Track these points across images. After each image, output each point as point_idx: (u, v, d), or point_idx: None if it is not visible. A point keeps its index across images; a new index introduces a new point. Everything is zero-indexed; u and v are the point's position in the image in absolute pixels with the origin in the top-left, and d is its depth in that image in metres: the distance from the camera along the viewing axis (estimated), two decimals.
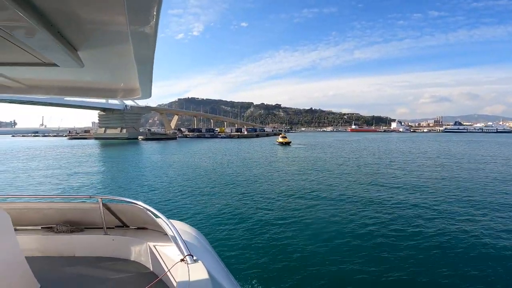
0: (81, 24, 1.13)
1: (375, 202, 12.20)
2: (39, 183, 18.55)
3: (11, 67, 1.69)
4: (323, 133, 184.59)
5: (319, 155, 35.84)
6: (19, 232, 2.55)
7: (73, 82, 2.17)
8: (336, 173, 20.70)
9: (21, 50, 1.31)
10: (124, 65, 1.63)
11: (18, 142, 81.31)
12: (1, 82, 2.06)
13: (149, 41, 1.20)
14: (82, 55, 1.45)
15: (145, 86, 2.02)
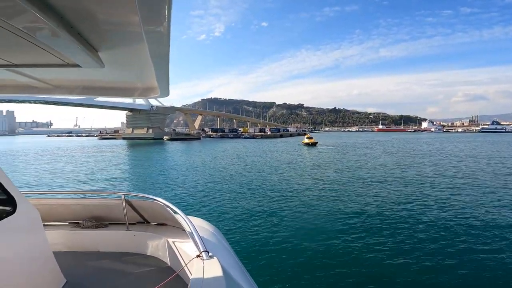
0: (99, 25, 1.18)
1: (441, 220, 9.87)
2: (69, 179, 19.84)
3: (38, 69, 1.78)
4: (348, 133, 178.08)
5: (351, 157, 33.21)
6: (47, 228, 2.60)
7: (95, 82, 2.27)
8: (375, 179, 18.32)
9: (46, 52, 1.39)
10: (142, 64, 1.67)
11: (52, 142, 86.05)
12: (29, 83, 2.19)
13: (163, 40, 1.22)
14: (102, 56, 1.51)
15: (162, 84, 2.06)
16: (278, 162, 29.07)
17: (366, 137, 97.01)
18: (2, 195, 1.92)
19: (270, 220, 9.98)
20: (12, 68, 1.75)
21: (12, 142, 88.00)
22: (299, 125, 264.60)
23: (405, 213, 10.62)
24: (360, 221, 9.69)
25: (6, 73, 1.93)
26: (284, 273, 6.28)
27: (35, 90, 2.39)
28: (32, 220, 2.12)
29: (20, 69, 1.78)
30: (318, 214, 10.63)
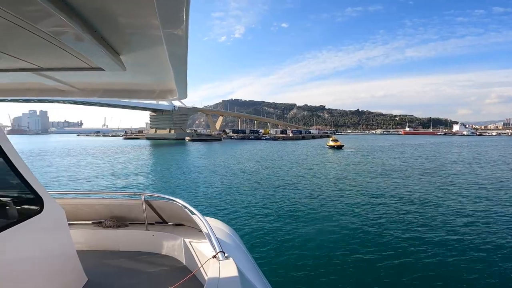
0: (121, 29, 1.23)
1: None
2: (94, 177, 20.51)
3: (64, 72, 1.85)
4: (372, 135, 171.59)
5: (384, 161, 30.55)
6: (71, 227, 2.67)
7: (117, 85, 2.34)
8: (416, 188, 16.01)
9: (71, 56, 1.45)
10: (161, 66, 1.72)
11: (80, 141, 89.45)
12: (56, 86, 2.30)
13: (181, 42, 1.25)
14: (124, 59, 1.56)
15: (181, 86, 2.11)
16: (302, 165, 27.35)
17: (394, 140, 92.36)
18: (30, 194, 1.96)
19: (289, 224, 9.69)
20: (40, 72, 1.79)
21: (46, 141, 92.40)
22: (321, 127, 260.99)
23: (463, 236, 8.57)
24: (396, 237, 8.54)
25: (34, 77, 1.99)
26: (299, 277, 6.24)
27: (61, 93, 2.48)
28: (58, 219, 2.17)
29: (47, 72, 1.83)
30: (342, 223, 9.90)
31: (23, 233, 1.82)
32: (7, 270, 1.69)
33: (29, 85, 2.37)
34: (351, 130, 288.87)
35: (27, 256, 1.85)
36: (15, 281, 1.73)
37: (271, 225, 9.58)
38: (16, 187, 1.98)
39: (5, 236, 1.68)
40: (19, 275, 1.77)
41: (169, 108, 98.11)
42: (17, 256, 1.78)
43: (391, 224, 9.74)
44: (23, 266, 1.81)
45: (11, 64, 1.64)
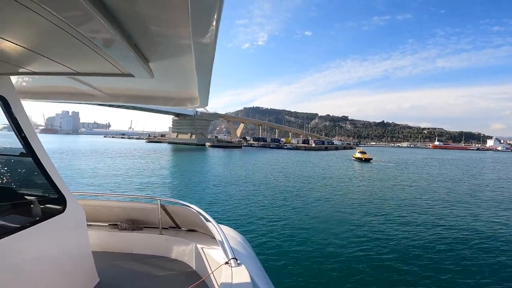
0: (152, 36, 1.25)
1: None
2: (114, 177, 21.16)
3: (97, 77, 1.92)
4: (398, 148, 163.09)
5: (421, 177, 27.21)
6: (89, 227, 2.71)
7: (143, 91, 2.43)
8: (473, 212, 13.11)
9: (105, 61, 1.49)
10: (186, 75, 1.74)
11: (105, 143, 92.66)
12: (87, 91, 2.38)
13: (209, 53, 1.27)
14: (153, 66, 1.59)
15: (203, 95, 2.15)
16: (328, 179, 24.97)
17: (425, 154, 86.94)
18: (54, 194, 2.02)
19: (309, 240, 9.29)
20: (74, 76, 1.84)
21: (75, 141, 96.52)
22: (343, 138, 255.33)
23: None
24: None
25: (68, 81, 2.06)
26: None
27: (90, 97, 2.54)
28: (78, 219, 2.23)
29: (81, 77, 1.88)
30: (373, 244, 9.08)
31: (45, 232, 1.88)
32: (27, 266, 1.75)
33: (62, 89, 2.41)
34: (375, 142, 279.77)
35: (46, 253, 1.91)
36: (33, 277, 1.78)
37: (290, 242, 9.09)
38: (42, 186, 2.04)
39: (28, 233, 1.73)
40: (37, 271, 1.82)
41: (191, 113, 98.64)
42: (38, 253, 1.84)
43: (438, 253, 8.45)
44: (42, 263, 1.87)
45: (48, 68, 1.68)
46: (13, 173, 2.26)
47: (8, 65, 1.64)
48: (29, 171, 2.07)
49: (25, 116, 1.91)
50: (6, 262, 1.61)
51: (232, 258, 1.93)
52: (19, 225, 1.73)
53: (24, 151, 1.88)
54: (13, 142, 1.87)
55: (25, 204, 1.96)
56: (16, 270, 1.68)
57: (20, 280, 1.70)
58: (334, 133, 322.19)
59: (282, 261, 7.53)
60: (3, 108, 1.79)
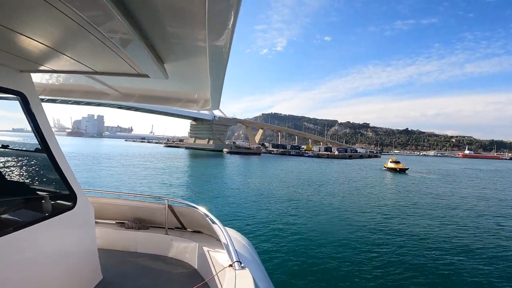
0: (169, 38, 1.28)
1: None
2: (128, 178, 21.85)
3: (114, 77, 1.95)
4: (425, 157, 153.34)
5: (476, 193, 21.65)
6: (96, 225, 2.76)
7: (157, 92, 2.46)
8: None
9: (122, 61, 1.53)
10: (200, 77, 1.77)
11: (125, 146, 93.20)
12: (102, 90, 2.42)
13: (223, 56, 1.28)
14: (167, 67, 1.62)
15: (215, 97, 2.17)
16: (362, 194, 20.74)
17: (460, 164, 79.29)
18: (66, 190, 2.04)
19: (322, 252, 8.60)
20: (93, 75, 1.89)
21: (98, 144, 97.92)
22: (364, 145, 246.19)
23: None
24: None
25: (87, 80, 2.11)
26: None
27: (105, 96, 2.58)
28: (87, 216, 2.27)
29: (99, 76, 1.93)
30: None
31: (55, 227, 1.92)
32: (34, 260, 1.78)
33: (79, 87, 2.47)
34: (399, 150, 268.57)
35: (54, 248, 1.94)
36: (38, 271, 1.81)
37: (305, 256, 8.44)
38: (54, 182, 2.08)
39: (38, 228, 1.76)
40: (42, 266, 1.86)
41: (209, 117, 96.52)
42: (45, 248, 1.87)
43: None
44: (48, 258, 1.91)
45: (68, 66, 1.72)
46: (27, 169, 2.32)
47: (29, 63, 1.68)
48: (43, 167, 2.11)
49: (43, 113, 1.93)
50: (15, 255, 1.65)
51: (236, 261, 1.92)
52: (30, 220, 1.75)
53: (39, 147, 1.90)
54: (29, 138, 1.90)
55: (37, 199, 1.99)
56: (23, 264, 1.70)
57: (26, 273, 1.72)
58: (354, 141, 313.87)
59: (287, 268, 7.47)
60: (22, 104, 1.82)
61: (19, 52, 1.51)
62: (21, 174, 2.24)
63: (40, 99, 1.97)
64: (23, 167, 2.32)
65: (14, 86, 1.76)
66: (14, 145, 2.30)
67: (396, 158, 55.32)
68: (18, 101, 1.80)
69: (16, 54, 1.55)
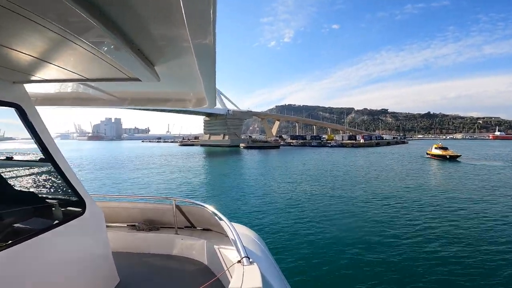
0: (155, 41, 1.30)
1: None
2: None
3: (106, 83, 2.00)
4: (455, 141, 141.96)
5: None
6: (109, 229, 2.78)
7: (153, 94, 2.51)
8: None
9: (111, 67, 1.56)
10: (192, 77, 1.79)
11: (142, 147, 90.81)
12: (99, 96, 2.49)
13: (209, 53, 1.29)
14: (158, 70, 1.66)
15: (210, 95, 2.20)
16: (413, 192, 15.81)
17: (501, 147, 69.46)
18: (74, 197, 2.08)
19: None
20: (85, 82, 1.92)
21: (116, 147, 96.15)
22: (385, 131, 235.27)
23: None
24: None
25: (80, 87, 2.16)
26: None
27: (103, 102, 2.61)
28: (98, 221, 2.31)
29: (91, 83, 1.96)
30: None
31: (66, 234, 1.94)
32: (49, 268, 1.81)
33: (75, 94, 2.50)
34: (422, 135, 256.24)
35: (68, 255, 1.97)
36: (55, 279, 1.84)
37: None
38: (61, 189, 2.12)
39: (49, 236, 1.79)
40: (59, 273, 1.88)
41: (222, 112, 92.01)
42: (59, 255, 1.90)
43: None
44: (64, 265, 1.93)
45: (59, 75, 1.75)
46: (33, 178, 2.36)
47: (20, 74, 1.71)
48: (49, 175, 2.15)
49: (41, 122, 1.94)
50: (30, 264, 1.66)
51: (244, 257, 1.93)
52: (41, 228, 1.77)
53: (43, 157, 1.93)
54: (32, 148, 1.92)
55: (46, 207, 2.03)
56: (39, 272, 1.72)
57: (43, 282, 1.74)
58: (373, 127, 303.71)
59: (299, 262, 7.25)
60: (20, 115, 1.83)
61: (8, 64, 1.52)
62: (28, 184, 2.27)
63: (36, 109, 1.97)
64: (30, 177, 2.34)
65: (8, 98, 1.77)
66: (18, 155, 2.37)
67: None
68: (15, 113, 1.80)
69: (6, 66, 1.56)
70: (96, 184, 20.59)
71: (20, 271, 1.59)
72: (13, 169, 2.36)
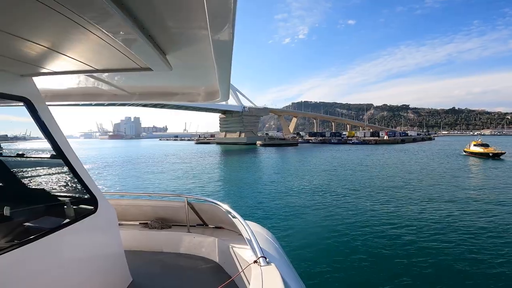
0: (168, 28, 1.24)
1: None
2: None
3: (116, 74, 1.93)
4: (482, 137, 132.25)
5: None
6: (121, 227, 2.70)
7: (164, 87, 2.45)
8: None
9: (123, 56, 1.50)
10: (205, 67, 1.72)
11: (159, 146, 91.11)
12: (110, 91, 2.43)
13: (227, 43, 1.24)
14: (170, 59, 1.58)
15: (223, 87, 2.13)
16: (457, 197, 13.25)
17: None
18: (86, 195, 2.05)
19: None
20: (93, 74, 1.86)
21: (133, 146, 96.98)
22: (406, 128, 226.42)
23: None
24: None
25: (89, 81, 2.09)
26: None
27: (114, 97, 2.56)
28: (110, 219, 2.26)
29: (100, 75, 1.90)
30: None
31: (79, 232, 1.91)
32: (62, 266, 1.78)
33: (84, 90, 2.44)
34: (447, 131, 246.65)
35: (80, 253, 1.94)
36: (68, 277, 1.81)
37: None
38: (73, 187, 2.10)
39: (62, 234, 1.76)
40: (72, 271, 1.85)
41: (238, 109, 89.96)
42: (72, 254, 1.87)
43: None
44: (76, 264, 1.89)
45: (68, 66, 1.68)
46: (45, 176, 2.32)
47: (29, 66, 1.64)
48: (60, 173, 2.10)
49: (51, 118, 1.87)
50: (42, 263, 1.64)
51: (261, 257, 1.85)
52: (54, 226, 1.74)
53: (54, 154, 1.86)
54: (44, 145, 1.85)
55: (59, 205, 2.00)
56: (51, 271, 1.69)
57: (55, 281, 1.71)
58: (394, 123, 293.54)
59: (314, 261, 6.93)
60: (29, 110, 1.76)
61: (17, 55, 1.48)
62: (40, 181, 2.24)
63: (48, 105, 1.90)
64: (41, 174, 2.31)
65: (16, 92, 1.70)
66: (29, 153, 2.29)
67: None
68: (24, 107, 1.74)
69: (14, 58, 1.51)
70: (111, 183, 19.81)
71: (32, 269, 1.57)
72: (24, 166, 2.28)
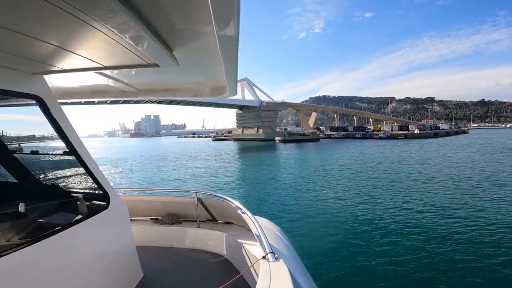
0: (174, 24, 1.25)
1: None
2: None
3: (124, 70, 1.94)
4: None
5: None
6: (132, 223, 2.73)
7: (172, 84, 2.49)
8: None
9: (130, 52, 1.52)
10: (212, 62, 1.74)
11: (177, 143, 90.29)
12: (119, 87, 2.46)
13: (232, 37, 1.24)
14: (177, 55, 1.59)
15: (231, 82, 2.14)
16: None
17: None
18: (98, 191, 2.08)
19: None
20: (102, 71, 1.88)
21: (157, 144, 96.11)
22: (431, 121, 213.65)
23: None
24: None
25: (99, 78, 2.10)
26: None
27: (123, 93, 2.61)
28: (122, 215, 2.29)
29: (109, 71, 1.91)
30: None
31: (92, 227, 1.94)
32: (75, 262, 1.81)
33: (93, 87, 2.50)
34: (477, 124, 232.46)
35: (93, 249, 1.97)
36: (81, 272, 1.84)
37: None
38: (86, 183, 2.11)
39: (75, 230, 1.79)
40: (85, 267, 1.88)
41: (255, 104, 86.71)
42: (85, 249, 1.90)
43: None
44: (89, 259, 1.93)
45: (77, 64, 1.72)
46: (58, 172, 2.37)
47: (39, 64, 1.68)
48: (72, 169, 2.13)
49: (63, 115, 1.90)
50: (55, 259, 1.67)
51: (269, 253, 1.85)
52: (68, 223, 1.77)
53: (67, 150, 1.90)
54: (56, 142, 1.89)
55: (71, 201, 2.01)
56: (64, 267, 1.72)
57: (69, 276, 1.74)
58: (418, 117, 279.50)
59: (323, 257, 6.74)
60: (41, 107, 1.79)
61: (28, 54, 1.51)
62: (53, 178, 2.30)
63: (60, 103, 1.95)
64: (55, 171, 2.37)
65: (28, 90, 1.73)
66: (43, 150, 2.31)
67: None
68: (37, 106, 1.78)
69: (25, 57, 1.54)
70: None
71: (45, 266, 1.60)
72: (38, 164, 2.31)
